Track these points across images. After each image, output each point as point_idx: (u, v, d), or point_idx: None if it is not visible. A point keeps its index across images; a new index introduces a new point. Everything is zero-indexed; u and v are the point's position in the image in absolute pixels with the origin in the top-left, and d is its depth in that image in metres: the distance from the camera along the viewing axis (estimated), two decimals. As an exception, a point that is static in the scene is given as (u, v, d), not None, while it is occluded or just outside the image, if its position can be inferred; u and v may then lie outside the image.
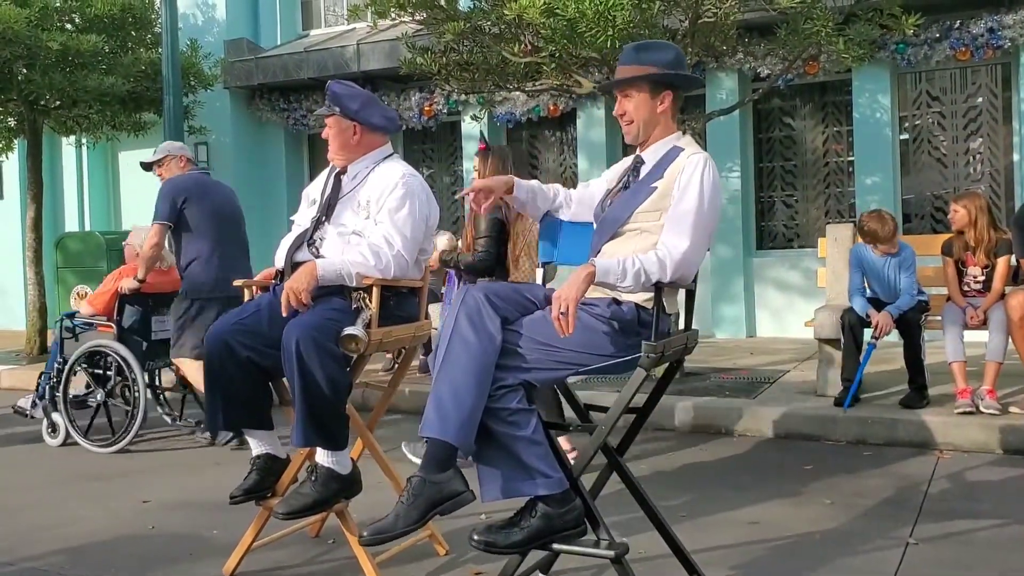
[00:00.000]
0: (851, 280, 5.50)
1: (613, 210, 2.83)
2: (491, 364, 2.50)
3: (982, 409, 4.92)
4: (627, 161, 3.00)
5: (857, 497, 4.00)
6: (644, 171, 2.85)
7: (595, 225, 2.92)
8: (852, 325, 5.32)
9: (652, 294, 2.70)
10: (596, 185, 3.06)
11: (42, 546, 3.68)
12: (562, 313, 2.46)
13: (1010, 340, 5.05)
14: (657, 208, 2.74)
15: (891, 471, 4.44)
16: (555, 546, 2.63)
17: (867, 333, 5.42)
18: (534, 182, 3.05)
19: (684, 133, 2.91)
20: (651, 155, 2.86)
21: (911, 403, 5.17)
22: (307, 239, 3.28)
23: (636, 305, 2.70)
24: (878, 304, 5.40)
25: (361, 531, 2.50)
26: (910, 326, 5.26)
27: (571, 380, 2.91)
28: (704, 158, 2.76)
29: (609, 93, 3.04)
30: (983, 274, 5.37)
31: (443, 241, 7.03)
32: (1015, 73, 8.16)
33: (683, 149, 2.81)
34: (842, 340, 5.42)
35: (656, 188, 2.75)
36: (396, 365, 6.25)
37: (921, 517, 3.70)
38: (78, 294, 6.73)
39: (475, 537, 2.54)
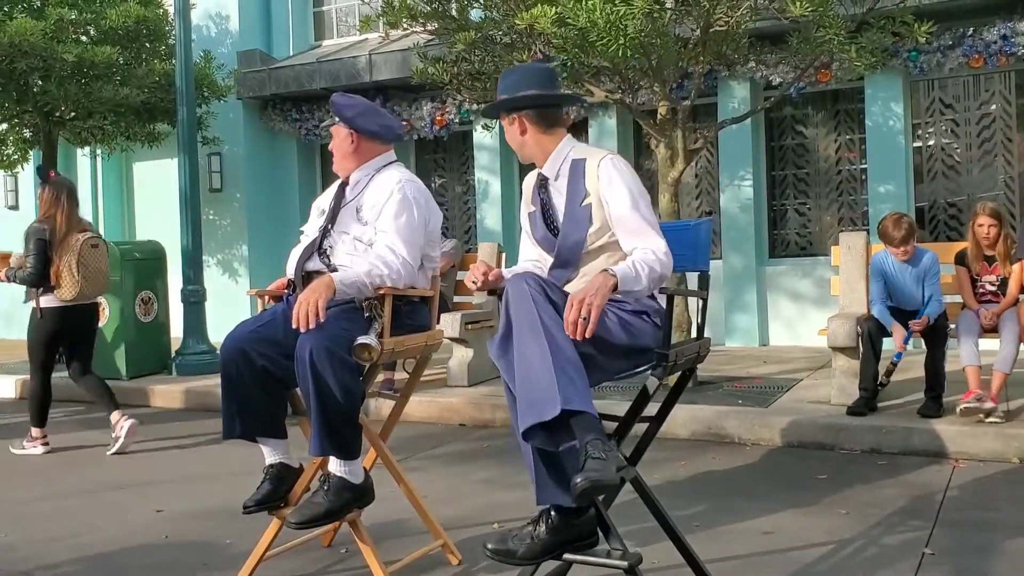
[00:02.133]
0: (874, 290, 5.47)
1: (566, 238, 2.85)
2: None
3: (987, 419, 4.89)
4: (530, 180, 3.06)
5: (872, 507, 3.98)
6: (557, 188, 2.91)
7: (545, 253, 2.93)
8: (872, 333, 5.30)
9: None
10: (525, 225, 3.09)
11: (58, 555, 3.69)
12: (584, 318, 2.43)
13: (1022, 348, 5.02)
14: (602, 221, 2.81)
15: (906, 480, 4.41)
16: (568, 556, 2.63)
17: (886, 342, 5.40)
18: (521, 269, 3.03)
19: (568, 135, 2.97)
20: (550, 170, 2.95)
21: (929, 412, 5.13)
22: (317, 248, 3.29)
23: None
24: (897, 314, 5.37)
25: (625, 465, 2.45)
26: (936, 333, 5.23)
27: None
28: (610, 160, 2.85)
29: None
30: (998, 280, 5.36)
31: (448, 247, 7.04)
32: (1029, 80, 8.13)
33: (585, 159, 2.88)
34: (860, 349, 5.40)
35: (589, 205, 2.82)
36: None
37: (937, 527, 3.67)
38: None
39: (489, 547, 2.54)
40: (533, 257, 3.06)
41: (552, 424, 2.38)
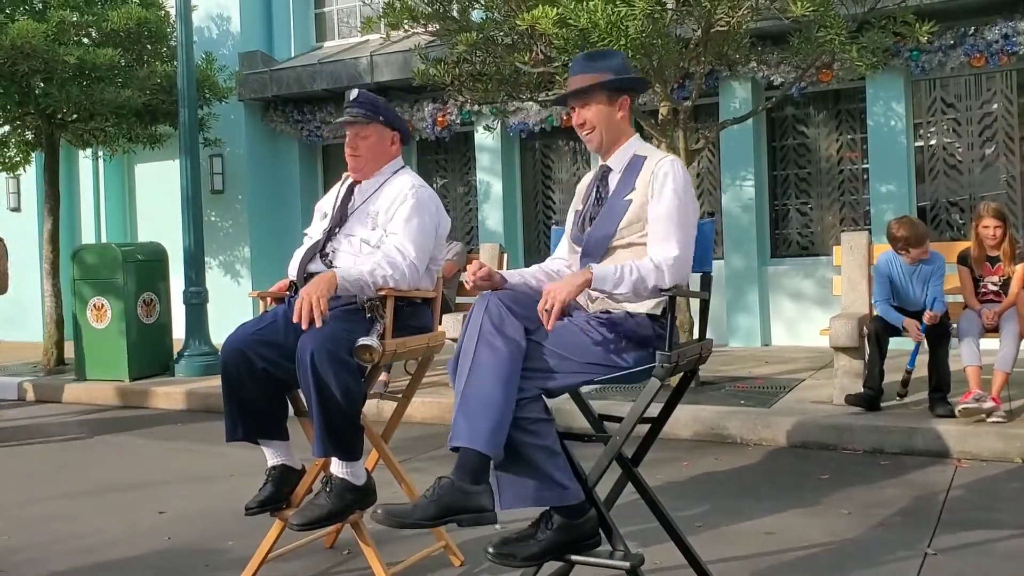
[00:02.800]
0: (879, 289, 5.45)
1: (596, 230, 2.85)
2: (517, 371, 2.50)
3: (988, 419, 4.88)
4: (586, 179, 3.05)
5: (875, 507, 3.97)
6: (613, 180, 2.90)
7: (578, 249, 2.92)
8: (878, 333, 5.29)
9: (663, 305, 2.72)
10: (568, 222, 3.08)
11: (61, 558, 3.69)
12: (546, 310, 2.50)
13: (1023, 346, 5.02)
14: (639, 219, 2.79)
15: (909, 480, 4.41)
16: (570, 557, 2.63)
17: (893, 342, 5.40)
18: (523, 272, 3.02)
19: (637, 134, 2.96)
20: (616, 162, 2.92)
21: (939, 412, 5.10)
22: (319, 251, 3.29)
23: (649, 316, 2.71)
24: (898, 309, 5.37)
25: (376, 508, 2.48)
26: (939, 333, 5.23)
27: (585, 389, 2.92)
28: (671, 161, 2.83)
29: (563, 104, 3.06)
30: (1000, 280, 5.35)
31: (454, 251, 7.05)
32: (1030, 79, 8.12)
33: (646, 156, 2.87)
34: (867, 350, 5.39)
35: (631, 200, 2.80)
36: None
37: (939, 527, 3.67)
38: None
39: (490, 550, 2.54)
40: (562, 255, 3.06)
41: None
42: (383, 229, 3.28)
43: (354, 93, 3.40)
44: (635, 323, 2.70)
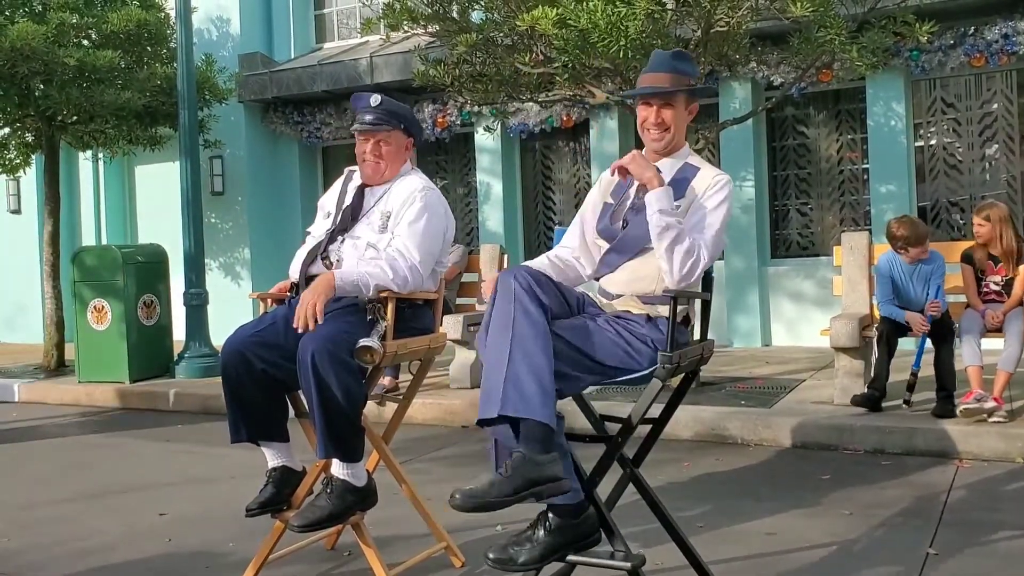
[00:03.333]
0: (881, 290, 5.44)
1: (634, 228, 2.84)
2: (550, 336, 2.48)
3: (990, 419, 4.87)
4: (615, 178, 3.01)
5: (876, 507, 3.97)
6: None
7: (604, 241, 2.92)
8: (888, 334, 5.28)
9: (687, 311, 2.75)
10: (589, 211, 3.07)
11: (61, 560, 3.69)
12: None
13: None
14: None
15: (910, 481, 4.41)
16: (571, 558, 2.63)
17: (901, 342, 5.40)
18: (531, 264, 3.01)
19: (689, 146, 3.00)
20: (666, 168, 2.89)
21: (943, 413, 5.08)
22: (321, 252, 3.28)
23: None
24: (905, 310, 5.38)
25: (454, 493, 2.37)
26: (943, 331, 5.22)
27: (587, 390, 2.91)
28: (728, 180, 2.86)
29: (636, 97, 3.04)
30: (1003, 280, 5.35)
31: (456, 254, 7.05)
32: (1030, 79, 8.12)
33: (699, 168, 2.89)
34: (875, 350, 5.38)
35: (679, 207, 2.79)
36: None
37: (941, 527, 3.66)
38: None
39: (490, 557, 2.53)
40: (571, 245, 3.05)
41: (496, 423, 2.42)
42: (392, 232, 3.26)
43: (376, 99, 3.36)
44: (654, 327, 2.70)
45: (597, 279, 2.96)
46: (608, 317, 2.72)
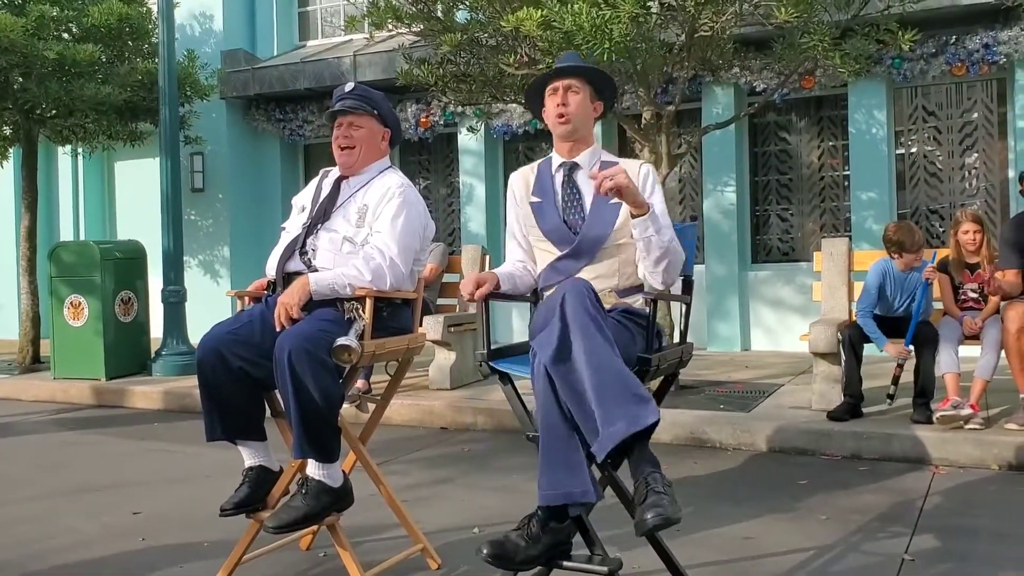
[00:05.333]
0: (864, 299, 5.44)
1: (590, 230, 2.92)
2: None
3: (966, 426, 4.90)
4: (527, 174, 3.15)
5: (852, 512, 3.98)
6: (582, 178, 3.01)
7: (551, 244, 3.00)
8: (853, 340, 5.30)
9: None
10: (519, 220, 3.15)
11: (33, 559, 3.64)
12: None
13: (1002, 355, 5.04)
14: (625, 219, 2.87)
15: (886, 486, 4.42)
16: (556, 561, 2.62)
17: (867, 348, 5.42)
18: (509, 271, 3.12)
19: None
20: (586, 161, 3.04)
21: (920, 419, 5.10)
22: (299, 247, 3.26)
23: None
24: (880, 321, 5.38)
25: (645, 514, 2.27)
26: (926, 339, 5.23)
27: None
28: (649, 167, 3.01)
29: (545, 84, 3.09)
30: (979, 287, 5.38)
31: (437, 253, 7.03)
32: (1010, 88, 8.19)
33: (617, 162, 3.00)
34: (843, 357, 5.40)
35: (619, 204, 2.86)
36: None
37: (917, 533, 3.68)
38: None
39: (485, 551, 2.51)
40: (520, 258, 3.08)
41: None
42: (369, 227, 3.25)
43: (350, 85, 3.38)
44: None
45: (544, 288, 2.99)
46: (617, 316, 2.77)
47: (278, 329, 2.96)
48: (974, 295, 5.40)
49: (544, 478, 2.45)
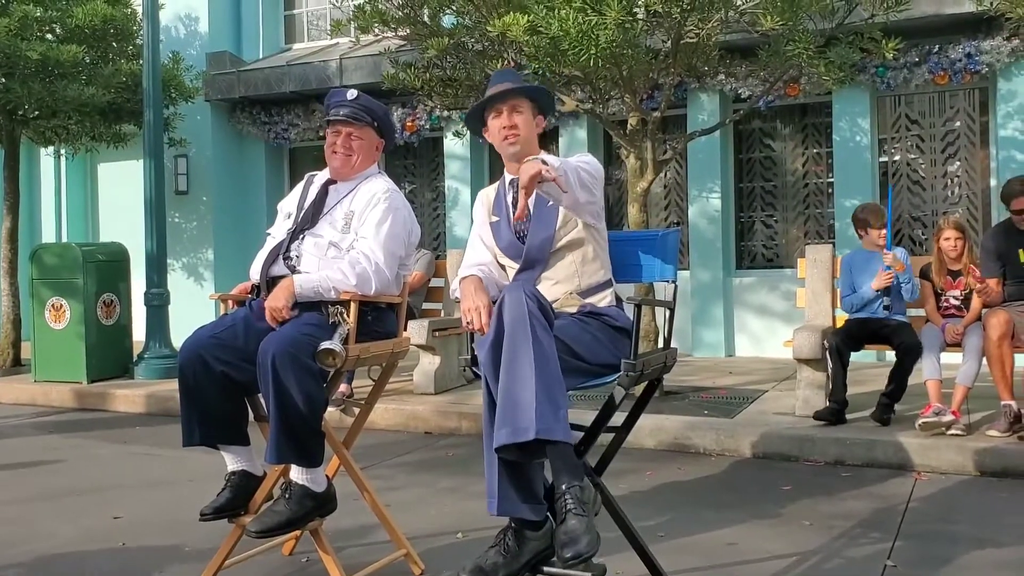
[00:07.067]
0: (843, 285, 5.64)
1: (534, 237, 2.92)
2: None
3: (947, 432, 4.93)
4: (490, 192, 3.14)
5: (836, 518, 4.00)
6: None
7: (510, 260, 3.02)
8: (839, 347, 5.33)
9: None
10: (481, 237, 3.13)
11: (12, 563, 3.60)
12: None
13: (983, 362, 5.06)
14: (569, 217, 2.91)
15: (869, 492, 4.44)
16: (540, 568, 2.62)
17: (852, 356, 5.46)
18: (487, 275, 3.06)
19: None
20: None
21: (879, 416, 5.23)
22: (283, 252, 3.25)
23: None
24: (859, 327, 5.43)
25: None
26: (911, 347, 5.25)
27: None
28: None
29: (485, 107, 3.07)
30: (962, 295, 5.41)
31: (424, 262, 7.02)
32: (992, 98, 8.26)
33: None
34: (829, 363, 5.43)
35: (556, 205, 2.87)
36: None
37: (899, 539, 3.69)
38: None
39: (477, 564, 2.53)
40: (482, 261, 3.06)
41: (525, 443, 2.38)
42: (355, 233, 3.24)
43: (354, 93, 3.36)
44: (619, 314, 2.83)
45: None
46: (580, 317, 2.76)
47: (272, 327, 2.96)
48: (956, 302, 5.44)
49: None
